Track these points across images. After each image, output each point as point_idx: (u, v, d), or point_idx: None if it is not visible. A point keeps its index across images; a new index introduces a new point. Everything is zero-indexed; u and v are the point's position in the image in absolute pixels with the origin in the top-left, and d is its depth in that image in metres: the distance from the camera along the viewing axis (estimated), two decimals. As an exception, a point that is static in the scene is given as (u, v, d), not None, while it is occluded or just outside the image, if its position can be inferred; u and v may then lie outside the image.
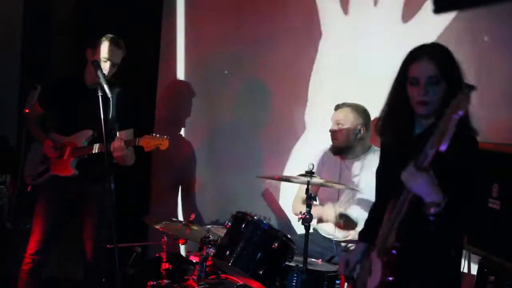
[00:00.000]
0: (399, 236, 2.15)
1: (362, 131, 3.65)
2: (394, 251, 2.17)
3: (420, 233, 2.13)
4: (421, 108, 2.22)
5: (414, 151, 2.04)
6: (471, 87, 1.84)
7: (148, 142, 3.38)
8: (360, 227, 3.09)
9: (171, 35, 4.86)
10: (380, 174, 2.52)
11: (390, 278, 2.19)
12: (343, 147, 3.66)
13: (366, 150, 3.70)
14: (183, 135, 4.78)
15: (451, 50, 2.26)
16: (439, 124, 1.87)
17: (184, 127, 4.78)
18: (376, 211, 2.48)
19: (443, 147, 1.84)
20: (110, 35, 3.58)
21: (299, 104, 4.30)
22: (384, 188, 2.42)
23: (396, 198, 2.18)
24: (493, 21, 3.47)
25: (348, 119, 3.63)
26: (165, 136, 3.39)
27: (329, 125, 3.74)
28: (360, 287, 2.46)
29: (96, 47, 3.55)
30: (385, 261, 2.21)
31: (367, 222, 2.58)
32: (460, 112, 1.80)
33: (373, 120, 3.75)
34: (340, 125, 3.64)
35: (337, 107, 3.71)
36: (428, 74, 2.19)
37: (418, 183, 2.00)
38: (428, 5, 3.72)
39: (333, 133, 3.67)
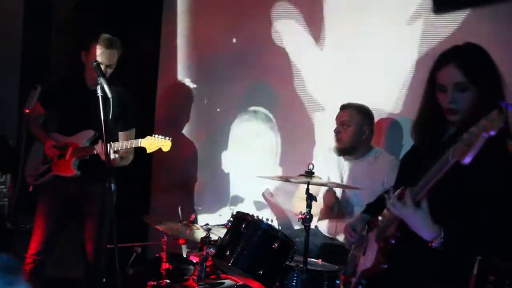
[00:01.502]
0: (400, 227, 2.14)
1: (366, 132, 3.65)
2: (393, 240, 2.17)
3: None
4: (451, 116, 2.15)
5: (438, 155, 1.99)
6: (508, 106, 1.72)
7: (150, 144, 3.38)
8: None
9: (171, 35, 4.85)
10: (405, 160, 2.48)
11: (385, 266, 2.19)
12: (348, 148, 3.65)
13: (369, 151, 3.70)
14: (183, 134, 4.77)
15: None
16: (466, 134, 1.79)
17: (184, 127, 4.77)
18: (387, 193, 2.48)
19: (466, 160, 1.77)
20: (104, 36, 3.51)
21: (299, 104, 4.30)
22: (402, 176, 2.40)
23: (404, 189, 2.15)
24: (492, 21, 3.48)
25: (354, 120, 3.62)
26: (168, 138, 3.40)
27: (332, 125, 3.74)
28: (352, 262, 2.48)
29: (89, 50, 3.53)
30: (381, 247, 2.21)
31: (377, 199, 2.58)
32: (492, 132, 1.71)
33: (377, 121, 3.77)
34: (345, 126, 3.63)
35: (343, 108, 3.69)
36: (454, 81, 2.10)
37: (411, 219, 2.02)
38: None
39: (338, 133, 3.66)
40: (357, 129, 3.63)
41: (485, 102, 2.01)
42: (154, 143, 3.38)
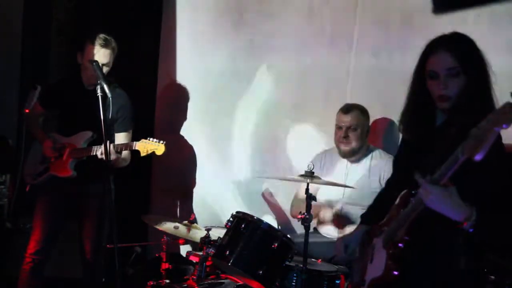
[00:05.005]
0: (410, 231, 2.09)
1: (368, 132, 3.67)
2: (401, 244, 2.11)
3: (435, 231, 2.06)
4: (442, 103, 2.12)
5: (434, 144, 1.98)
6: None
7: (144, 147, 3.38)
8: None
9: (171, 35, 4.85)
10: (398, 162, 2.46)
11: (396, 272, 2.12)
12: (355, 150, 3.65)
13: (368, 150, 3.71)
14: (182, 136, 4.77)
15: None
16: (476, 130, 1.72)
17: (183, 128, 4.77)
18: (384, 197, 2.44)
19: (478, 157, 1.71)
20: (99, 35, 3.51)
21: (298, 105, 4.30)
22: (399, 177, 2.36)
23: (410, 191, 2.12)
24: (493, 21, 3.48)
25: (361, 122, 3.64)
26: (161, 142, 3.39)
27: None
28: (358, 271, 2.43)
29: (83, 50, 3.53)
30: (391, 254, 2.15)
31: (372, 206, 2.54)
32: (505, 125, 1.65)
33: (375, 121, 3.77)
34: (353, 129, 3.62)
35: (347, 111, 3.66)
36: (447, 66, 2.09)
37: (441, 203, 1.90)
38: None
39: (346, 137, 3.63)
40: (363, 131, 3.64)
41: (475, 89, 2.02)
42: (148, 146, 3.37)
